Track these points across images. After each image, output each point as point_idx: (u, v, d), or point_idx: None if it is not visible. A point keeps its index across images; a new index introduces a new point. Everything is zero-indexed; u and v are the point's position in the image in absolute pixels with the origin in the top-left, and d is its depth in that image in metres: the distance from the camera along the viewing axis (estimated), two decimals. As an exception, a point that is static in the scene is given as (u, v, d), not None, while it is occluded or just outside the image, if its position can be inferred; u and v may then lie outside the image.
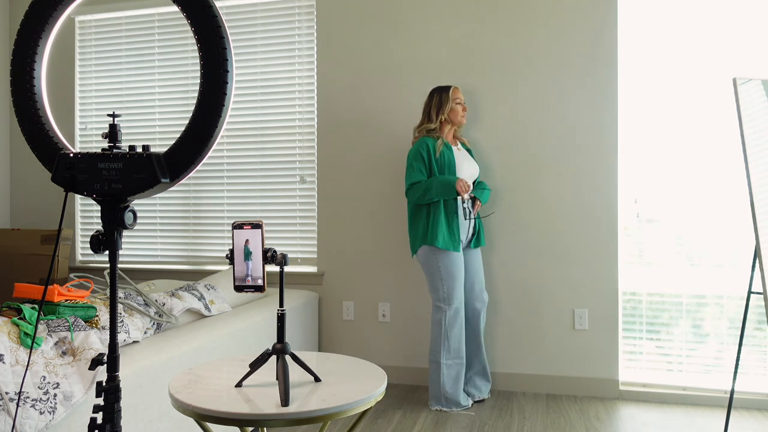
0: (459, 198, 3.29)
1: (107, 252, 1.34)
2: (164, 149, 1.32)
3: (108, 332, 1.67)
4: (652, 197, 3.58)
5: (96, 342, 2.06)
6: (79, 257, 4.48)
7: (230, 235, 4.10)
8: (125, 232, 4.32)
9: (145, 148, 1.30)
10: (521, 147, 3.66)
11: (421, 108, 3.51)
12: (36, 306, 2.11)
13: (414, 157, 3.32)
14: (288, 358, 1.64)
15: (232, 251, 1.63)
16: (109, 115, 1.37)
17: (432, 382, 3.32)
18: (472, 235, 3.43)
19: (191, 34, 4.04)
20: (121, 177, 1.29)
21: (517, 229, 3.66)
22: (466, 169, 3.37)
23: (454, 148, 3.41)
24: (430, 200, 3.25)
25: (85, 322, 2.15)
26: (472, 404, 3.37)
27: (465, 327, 3.40)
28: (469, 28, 3.73)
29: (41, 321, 2.06)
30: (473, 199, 3.39)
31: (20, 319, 1.99)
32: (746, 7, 3.41)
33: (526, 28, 3.65)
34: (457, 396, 3.29)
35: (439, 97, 3.40)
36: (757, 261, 2.63)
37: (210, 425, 1.72)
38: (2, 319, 1.96)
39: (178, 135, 1.31)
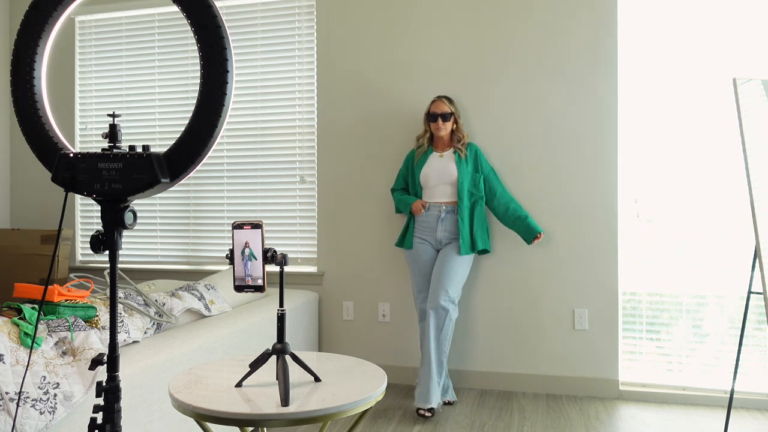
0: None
1: (107, 252, 1.34)
2: (164, 149, 1.32)
3: (108, 332, 1.67)
4: (652, 197, 3.58)
5: (96, 342, 2.06)
6: (79, 257, 4.48)
7: (230, 235, 4.10)
8: (125, 232, 4.32)
9: (145, 148, 1.30)
10: (521, 147, 3.66)
11: (420, 108, 3.58)
12: (36, 306, 2.11)
13: (403, 164, 3.64)
14: (288, 358, 1.64)
15: (232, 251, 1.63)
16: (109, 115, 1.37)
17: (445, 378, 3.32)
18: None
19: (191, 34, 4.04)
20: (121, 177, 1.29)
21: (517, 229, 3.66)
22: (434, 177, 3.40)
23: (436, 154, 3.46)
24: (401, 212, 3.64)
25: (85, 322, 2.15)
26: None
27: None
28: (469, 29, 3.73)
29: (41, 321, 2.07)
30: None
31: (20, 319, 1.99)
32: (746, 8, 3.41)
33: (527, 29, 3.65)
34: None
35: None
36: (757, 261, 2.63)
37: (210, 425, 1.72)
38: (2, 319, 1.96)
39: (178, 135, 1.31)
